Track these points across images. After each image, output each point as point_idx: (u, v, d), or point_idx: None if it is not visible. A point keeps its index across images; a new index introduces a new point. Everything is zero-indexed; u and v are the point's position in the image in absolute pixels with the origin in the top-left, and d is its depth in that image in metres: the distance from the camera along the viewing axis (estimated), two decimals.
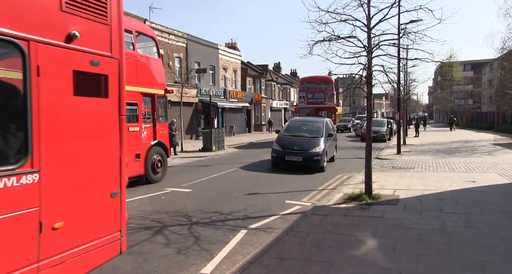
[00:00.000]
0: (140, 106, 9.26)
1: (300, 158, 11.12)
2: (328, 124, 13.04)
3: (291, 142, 11.66)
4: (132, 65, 8.95)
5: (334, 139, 13.48)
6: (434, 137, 28.79)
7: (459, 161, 13.09)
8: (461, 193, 7.70)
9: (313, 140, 11.75)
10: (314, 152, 11.22)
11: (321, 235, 5.08)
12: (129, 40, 9.14)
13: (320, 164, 11.21)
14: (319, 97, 24.35)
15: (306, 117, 16.65)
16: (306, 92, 24.72)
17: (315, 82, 24.63)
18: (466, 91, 47.71)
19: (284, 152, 11.39)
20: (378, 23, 7.01)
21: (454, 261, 4.11)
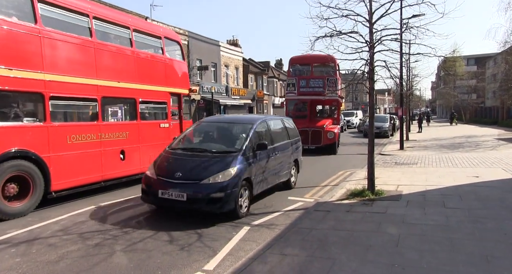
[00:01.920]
0: (169, 105, 10.00)
1: (183, 195, 5.53)
2: (269, 127, 7.54)
3: (176, 161, 6.21)
4: (162, 67, 9.90)
5: (286, 151, 7.91)
6: (437, 132, 28.66)
7: (463, 156, 13.03)
8: (464, 188, 7.67)
9: (219, 158, 6.11)
10: (213, 183, 5.62)
11: (324, 231, 5.08)
12: (159, 45, 9.94)
13: (225, 207, 5.62)
14: (315, 85, 16.30)
15: (228, 116, 9.18)
16: (297, 77, 16.68)
17: (311, 63, 16.45)
18: (469, 86, 47.40)
19: (158, 181, 5.85)
20: (380, 18, 6.95)
21: (458, 256, 4.10)
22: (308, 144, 14.82)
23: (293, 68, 17.27)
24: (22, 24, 6.31)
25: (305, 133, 14.30)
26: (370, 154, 7.29)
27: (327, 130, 15.19)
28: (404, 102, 20.20)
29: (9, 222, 5.81)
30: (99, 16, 7.92)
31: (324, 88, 15.96)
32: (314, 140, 15.07)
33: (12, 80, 6.05)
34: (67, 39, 7.14)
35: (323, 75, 16.50)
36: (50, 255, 4.44)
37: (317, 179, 9.58)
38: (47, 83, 6.63)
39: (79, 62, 7.40)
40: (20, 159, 6.17)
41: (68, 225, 5.64)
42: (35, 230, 5.42)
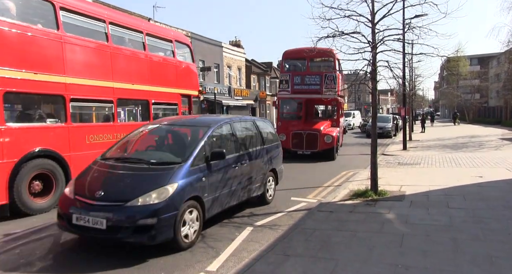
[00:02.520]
0: (179, 106, 10.28)
1: (102, 221, 4.22)
2: (234, 130, 6.21)
3: (102, 176, 4.94)
4: (173, 70, 10.22)
5: (259, 160, 6.61)
6: (440, 132, 28.55)
7: (466, 156, 12.97)
8: (468, 188, 7.63)
9: (156, 171, 4.82)
10: (142, 206, 4.32)
11: (327, 232, 5.07)
12: (170, 48, 10.27)
13: (159, 237, 4.31)
14: (312, 82, 14.33)
15: (185, 118, 7.51)
16: (291, 73, 14.74)
17: (307, 57, 13.66)
18: (472, 85, 47.21)
19: (75, 203, 4.53)
20: (382, 18, 6.95)
21: (462, 256, 4.08)
22: (303, 148, 13.41)
23: (286, 63, 15.38)
24: (46, 30, 6.67)
25: (299, 137, 13.47)
26: (373, 154, 7.27)
27: (324, 134, 13.39)
28: (407, 102, 20.14)
29: (11, 223, 5.83)
30: (114, 22, 8.26)
31: (321, 86, 14.03)
32: (310, 144, 13.35)
33: (37, 83, 6.38)
34: (86, 44, 7.48)
35: (320, 71, 14.51)
36: (55, 255, 4.44)
37: (320, 179, 9.57)
38: (68, 86, 6.95)
39: (97, 66, 7.72)
40: (44, 157, 6.44)
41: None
42: (36, 231, 5.45)
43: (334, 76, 13.91)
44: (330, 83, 13.85)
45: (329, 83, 13.87)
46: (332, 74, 13.87)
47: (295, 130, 13.56)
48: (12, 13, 6.20)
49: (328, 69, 14.23)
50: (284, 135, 13.41)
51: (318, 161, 12.97)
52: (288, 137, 13.51)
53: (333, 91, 13.74)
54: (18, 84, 6.10)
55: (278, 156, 7.50)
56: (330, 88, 13.71)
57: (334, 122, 15.00)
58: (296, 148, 13.45)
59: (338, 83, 14.11)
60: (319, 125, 13.96)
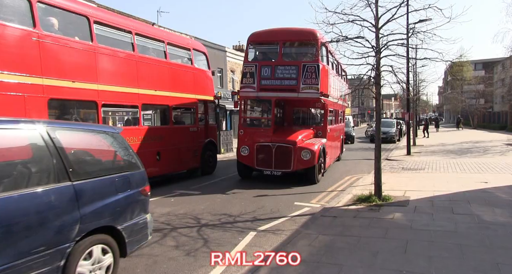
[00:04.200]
0: (197, 111, 11.01)
1: None
2: None
3: None
4: (191, 76, 10.84)
5: None
6: (444, 137, 28.39)
7: (471, 161, 12.87)
8: (473, 194, 7.57)
9: None
10: None
11: (331, 237, 5.04)
12: (188, 56, 10.94)
13: None
14: (286, 75, 10.08)
15: None
16: (258, 63, 10.35)
17: (279, 41, 10.21)
18: (477, 91, 46.96)
19: None
20: (386, 23, 6.96)
21: (468, 263, 4.03)
22: (271, 167, 9.42)
23: (253, 49, 10.76)
24: (82, 42, 7.32)
25: (266, 151, 9.46)
26: (377, 159, 7.24)
27: (301, 148, 9.33)
28: (411, 107, 20.10)
29: None
30: (140, 32, 8.94)
31: (298, 80, 9.68)
32: (280, 161, 9.37)
33: (74, 91, 7.00)
34: (115, 54, 8.11)
35: (297, 60, 10.23)
36: None
37: (323, 184, 9.53)
38: (99, 92, 7.58)
39: (124, 74, 8.32)
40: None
41: None
42: None
43: (316, 68, 9.57)
44: (311, 77, 9.56)
45: (308, 77, 9.59)
46: (314, 65, 9.57)
47: (261, 142, 9.52)
48: (55, 28, 6.82)
49: (309, 57, 10.11)
50: (247, 148, 9.69)
51: (292, 185, 9.21)
52: (251, 150, 9.60)
53: (314, 88, 9.59)
54: (59, 91, 6.70)
55: (130, 203, 3.89)
56: (310, 84, 9.56)
57: (318, 131, 10.58)
58: (262, 166, 9.56)
59: (324, 77, 9.92)
60: (295, 135, 9.77)
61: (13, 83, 5.93)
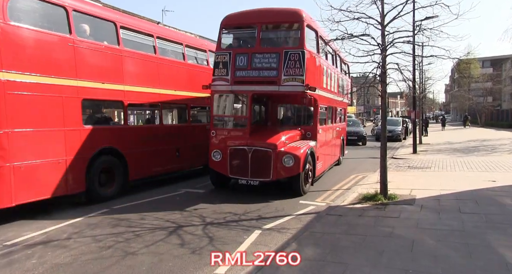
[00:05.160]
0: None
1: None
2: None
3: None
4: (207, 77, 10.70)
5: None
6: (451, 135, 28.13)
7: (478, 160, 12.74)
8: (481, 192, 7.49)
9: None
10: None
11: (336, 236, 5.02)
12: (204, 57, 11.17)
13: None
14: (265, 64, 8.21)
15: None
16: (232, 51, 8.53)
17: (257, 24, 8.41)
18: (485, 88, 46.46)
19: None
20: (392, 21, 6.90)
21: (476, 263, 3.99)
22: (247, 175, 7.80)
23: (227, 34, 9.01)
24: (110, 46, 7.76)
25: (241, 156, 7.85)
26: (383, 158, 7.19)
27: (283, 153, 7.70)
28: (417, 106, 19.93)
29: (24, 224, 5.92)
30: (161, 36, 9.32)
31: (279, 70, 7.99)
32: (258, 168, 7.77)
33: (104, 91, 7.51)
34: (139, 56, 8.50)
35: (278, 47, 8.34)
36: (65, 257, 4.51)
37: (329, 182, 9.50)
38: (126, 93, 8.04)
39: (146, 75, 8.69)
40: (109, 154, 7.62)
41: (81, 228, 5.72)
42: (50, 233, 5.51)
43: (300, 55, 7.87)
44: (294, 67, 7.87)
45: (291, 66, 7.88)
46: (298, 52, 7.87)
47: (235, 145, 7.94)
48: (87, 34, 7.32)
49: (293, 43, 8.38)
50: (219, 152, 8.12)
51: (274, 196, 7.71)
52: (224, 155, 8.04)
53: (297, 79, 7.87)
54: (91, 92, 7.21)
55: None
56: (293, 75, 7.87)
57: (308, 132, 8.84)
58: (236, 174, 7.94)
59: (311, 67, 8.31)
60: (277, 137, 8.03)
61: (53, 86, 6.51)
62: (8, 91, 5.76)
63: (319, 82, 8.92)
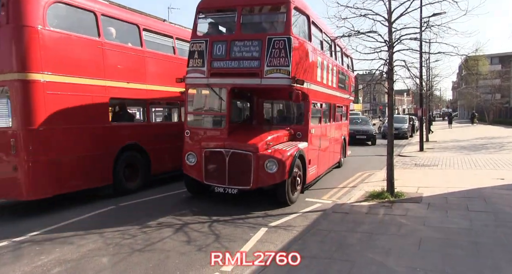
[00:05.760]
0: None
1: None
2: None
3: None
4: None
5: None
6: (458, 133, 27.85)
7: (486, 157, 12.60)
8: (489, 191, 7.41)
9: None
10: None
11: (342, 233, 5.00)
12: None
13: None
14: (245, 54, 7.01)
15: None
16: (209, 39, 7.28)
17: (238, 6, 7.21)
18: (493, 85, 45.85)
19: None
20: (400, 17, 6.84)
21: (484, 261, 3.96)
22: (224, 182, 6.76)
23: (203, 19, 7.85)
24: (134, 48, 8.17)
25: (217, 160, 6.80)
26: (389, 155, 7.15)
27: (265, 156, 6.63)
28: (424, 103, 19.74)
29: (32, 221, 5.99)
30: (179, 37, 9.70)
31: (261, 60, 6.88)
32: (236, 174, 6.72)
33: (128, 90, 7.87)
34: (160, 57, 8.87)
35: (261, 33, 7.17)
36: (72, 254, 4.55)
37: (335, 180, 9.46)
38: (148, 92, 8.46)
39: (166, 75, 8.82)
40: (133, 150, 8.03)
41: (88, 225, 5.77)
42: (58, 229, 5.57)
43: (286, 42, 6.75)
44: (278, 56, 6.78)
45: (276, 55, 6.79)
46: (283, 39, 6.77)
47: (210, 148, 6.88)
48: (113, 37, 7.73)
49: (278, 29, 7.26)
50: (194, 155, 7.07)
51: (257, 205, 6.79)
52: (199, 158, 6.99)
53: (282, 71, 6.78)
54: (118, 91, 7.59)
55: None
56: (277, 66, 6.79)
57: (298, 132, 7.71)
58: (212, 181, 6.91)
59: (300, 57, 7.13)
60: (259, 138, 6.97)
61: (85, 86, 6.96)
62: (48, 91, 6.26)
63: (311, 75, 7.74)
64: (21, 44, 6.00)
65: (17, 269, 4.14)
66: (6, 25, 6.00)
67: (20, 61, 5.98)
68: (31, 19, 6.03)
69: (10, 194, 6.35)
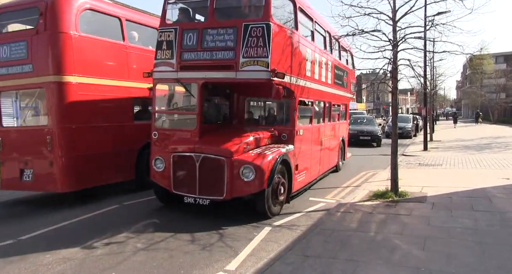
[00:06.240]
0: None
1: None
2: None
3: None
4: None
5: None
6: (462, 132, 27.70)
7: (491, 157, 12.52)
8: (494, 190, 7.36)
9: None
10: None
11: (346, 233, 4.99)
12: None
13: None
14: (219, 43, 6.09)
15: None
16: (179, 26, 6.36)
17: None
18: (498, 84, 45.55)
19: None
20: (404, 16, 6.80)
21: (489, 262, 3.93)
22: (194, 192, 5.89)
23: (173, 5, 6.92)
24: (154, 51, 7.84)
25: (187, 166, 5.96)
26: (394, 155, 7.12)
27: (241, 162, 5.77)
28: (428, 102, 19.64)
29: (39, 219, 6.02)
30: None
31: (236, 51, 6.02)
32: (208, 183, 5.86)
33: (148, 91, 7.49)
34: None
35: (237, 19, 6.32)
36: (77, 253, 4.57)
37: (338, 180, 9.44)
38: None
39: None
40: None
41: (92, 224, 5.80)
42: (63, 228, 5.60)
43: (264, 30, 5.86)
44: (256, 45, 5.89)
45: (252, 44, 5.90)
46: (261, 25, 5.86)
47: (179, 151, 6.09)
48: (136, 40, 8.06)
49: (255, 14, 6.40)
50: (162, 160, 6.24)
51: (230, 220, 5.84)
52: (167, 164, 6.15)
53: (260, 63, 5.88)
54: (139, 92, 7.67)
55: None
56: (254, 57, 5.89)
57: (283, 133, 6.82)
58: (181, 190, 6.04)
59: (282, 46, 6.27)
60: (235, 141, 6.10)
61: (111, 87, 7.35)
62: (79, 93, 6.67)
63: (298, 69, 6.86)
64: (57, 49, 6.47)
65: (22, 267, 4.17)
66: (44, 32, 6.48)
67: (56, 65, 6.45)
68: (65, 25, 6.51)
69: (46, 187, 6.88)
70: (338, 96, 10.29)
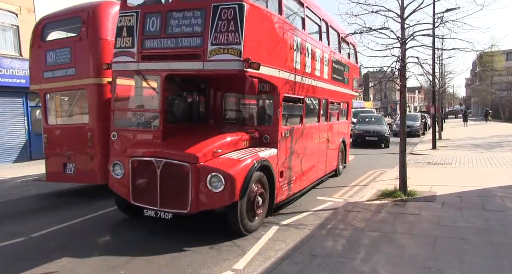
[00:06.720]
0: None
1: None
2: None
3: None
4: None
5: None
6: (472, 130, 27.33)
7: (502, 155, 12.32)
8: (506, 189, 7.24)
9: None
10: None
11: (355, 232, 4.95)
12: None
13: None
14: (185, 29, 5.12)
15: None
16: (140, 10, 5.45)
17: None
18: (509, 82, 44.78)
19: None
20: (412, 13, 6.73)
21: (502, 262, 3.86)
22: (155, 203, 5.01)
23: None
24: None
25: (148, 172, 5.12)
26: (402, 153, 7.04)
27: (208, 169, 4.83)
28: (437, 100, 19.40)
29: (47, 219, 6.09)
30: None
31: (204, 37, 5.00)
32: (170, 193, 4.98)
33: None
34: None
35: (206, 0, 5.09)
36: (86, 251, 4.61)
37: (346, 178, 9.38)
38: None
39: None
40: None
41: (100, 222, 5.85)
42: (71, 227, 5.66)
43: (236, 11, 4.93)
44: (226, 30, 4.95)
45: (223, 29, 4.96)
46: (232, 6, 4.95)
47: (138, 156, 5.26)
48: None
49: None
50: (121, 165, 5.40)
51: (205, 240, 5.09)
52: (126, 170, 5.32)
53: (231, 51, 4.94)
54: None
55: None
56: (224, 44, 4.96)
57: (265, 135, 5.99)
58: (140, 201, 5.21)
59: (258, 31, 5.32)
60: (204, 143, 5.23)
61: None
62: None
63: (282, 60, 5.95)
64: (97, 54, 6.95)
65: (32, 264, 4.22)
66: (86, 39, 7.02)
67: (96, 68, 6.86)
68: (104, 32, 7.00)
69: (87, 179, 7.31)
70: (337, 93, 9.17)
